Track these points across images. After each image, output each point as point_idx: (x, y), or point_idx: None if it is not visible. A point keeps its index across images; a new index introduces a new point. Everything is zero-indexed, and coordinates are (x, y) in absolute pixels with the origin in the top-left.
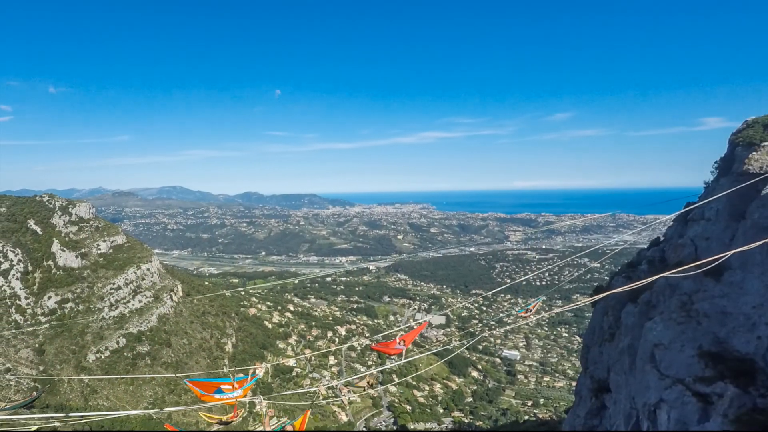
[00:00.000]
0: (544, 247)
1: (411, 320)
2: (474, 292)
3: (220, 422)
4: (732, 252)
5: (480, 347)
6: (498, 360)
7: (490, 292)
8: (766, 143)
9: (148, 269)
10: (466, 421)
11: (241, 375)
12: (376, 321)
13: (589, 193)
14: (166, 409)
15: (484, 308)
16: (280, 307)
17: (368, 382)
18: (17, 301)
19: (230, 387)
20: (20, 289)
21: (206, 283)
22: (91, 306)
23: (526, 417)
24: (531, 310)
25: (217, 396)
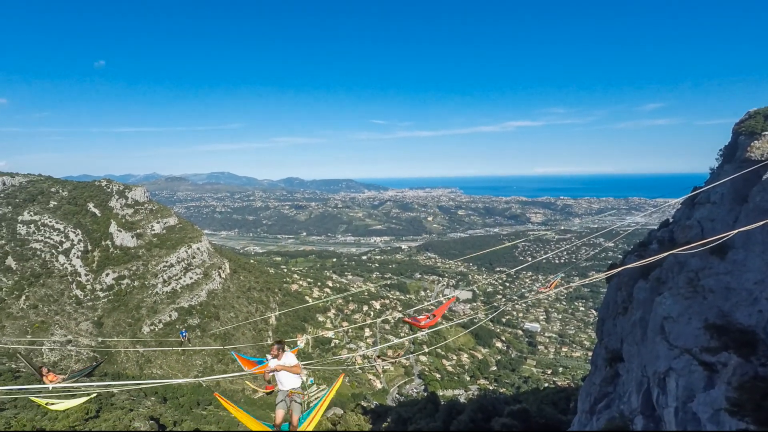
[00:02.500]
0: (562, 228)
1: (440, 295)
2: (498, 269)
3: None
4: (736, 231)
5: (504, 320)
6: (520, 332)
7: (513, 270)
8: (766, 132)
9: (198, 248)
10: (490, 388)
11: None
12: (407, 296)
13: (604, 177)
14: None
15: (508, 284)
16: (319, 284)
17: (397, 353)
18: (78, 278)
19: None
20: (80, 266)
21: (251, 261)
22: (146, 282)
23: (546, 384)
24: (550, 286)
25: (260, 366)
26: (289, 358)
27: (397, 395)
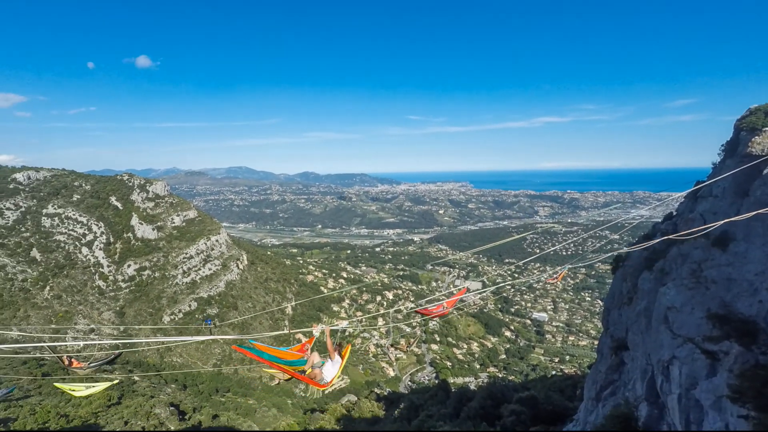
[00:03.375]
0: (569, 220)
1: (451, 286)
2: (507, 261)
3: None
4: (732, 219)
5: (512, 310)
6: (528, 321)
7: (522, 261)
8: (767, 128)
9: (216, 240)
10: (500, 375)
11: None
12: (419, 286)
13: (608, 172)
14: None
15: (516, 275)
16: (334, 274)
17: (408, 342)
18: (100, 269)
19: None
20: (103, 258)
21: (268, 253)
22: (166, 273)
23: (554, 372)
24: (558, 278)
25: (272, 361)
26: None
27: (409, 383)
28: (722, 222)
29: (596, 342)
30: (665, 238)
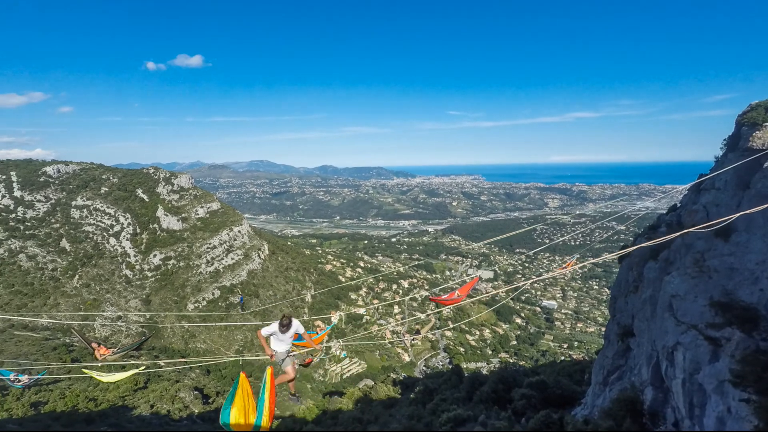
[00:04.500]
0: (577, 212)
1: (464, 275)
2: (518, 250)
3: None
4: (737, 215)
5: (523, 298)
6: (538, 309)
7: (532, 251)
8: (767, 123)
9: (239, 231)
10: (511, 361)
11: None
12: (434, 275)
13: (614, 166)
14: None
15: (527, 264)
16: (352, 264)
17: (416, 330)
18: (127, 259)
19: (311, 334)
20: (130, 248)
21: (289, 243)
22: (190, 263)
23: (563, 358)
24: (567, 266)
25: (298, 341)
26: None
27: (424, 368)
28: (736, 215)
29: (603, 329)
30: (684, 232)
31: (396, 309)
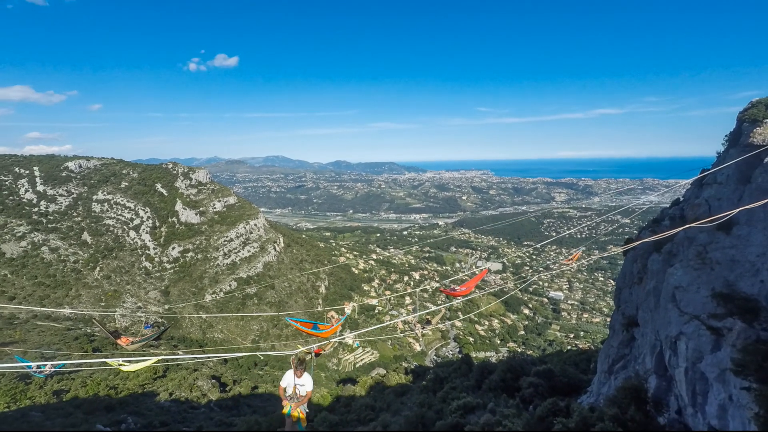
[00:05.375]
0: (583, 206)
1: (473, 267)
2: (526, 243)
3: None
4: (739, 209)
5: (530, 289)
6: (545, 300)
7: (539, 244)
8: (767, 120)
9: (255, 225)
10: (519, 350)
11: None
12: (444, 267)
13: (619, 161)
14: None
15: (534, 257)
16: (365, 256)
17: (427, 320)
18: (147, 251)
19: (326, 325)
20: (149, 241)
21: (303, 236)
22: (208, 255)
23: (569, 347)
24: (573, 258)
25: (313, 331)
26: (307, 380)
27: (434, 357)
28: (738, 210)
29: (608, 319)
30: (689, 225)
31: (407, 300)
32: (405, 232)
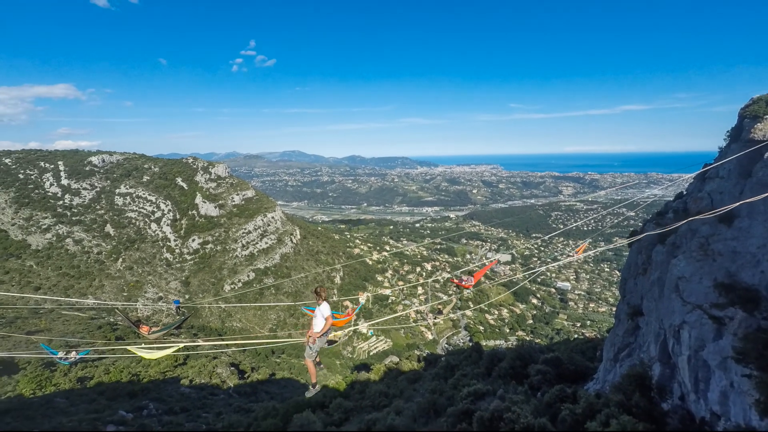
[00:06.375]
0: (590, 199)
1: (483, 258)
2: (534, 235)
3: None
4: (740, 203)
5: (539, 280)
6: (553, 290)
7: (547, 236)
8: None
9: (272, 217)
10: (527, 338)
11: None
12: (455, 259)
13: (624, 156)
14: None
15: (542, 248)
16: (378, 248)
17: (439, 310)
18: (168, 243)
19: (341, 314)
20: (170, 233)
21: (319, 228)
22: (227, 247)
23: (576, 336)
24: (579, 250)
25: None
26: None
27: (446, 345)
28: (739, 203)
29: (614, 308)
30: (692, 218)
31: (420, 290)
32: (417, 225)
